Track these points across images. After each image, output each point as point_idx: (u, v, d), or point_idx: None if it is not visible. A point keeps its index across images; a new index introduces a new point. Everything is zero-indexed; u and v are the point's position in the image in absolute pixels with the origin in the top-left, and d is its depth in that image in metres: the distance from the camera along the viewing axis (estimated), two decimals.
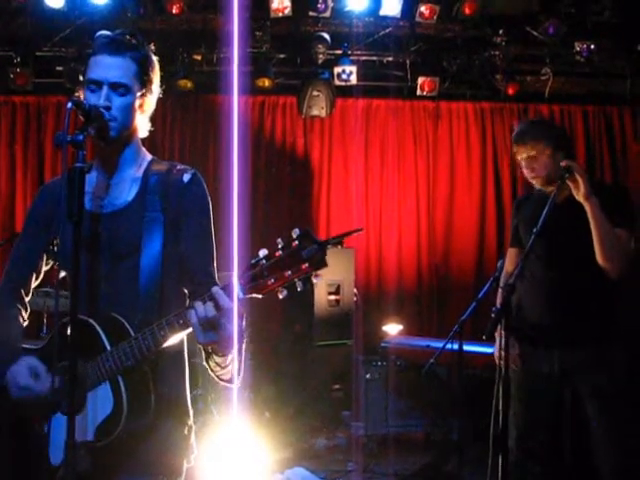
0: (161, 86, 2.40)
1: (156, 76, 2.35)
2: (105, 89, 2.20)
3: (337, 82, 7.23)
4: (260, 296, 1.98)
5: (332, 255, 1.90)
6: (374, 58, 7.47)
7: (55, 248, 2.40)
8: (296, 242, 1.93)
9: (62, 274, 2.37)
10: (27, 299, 2.46)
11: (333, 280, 6.56)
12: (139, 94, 2.27)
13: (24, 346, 2.33)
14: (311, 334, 6.55)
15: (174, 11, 6.67)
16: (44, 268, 2.47)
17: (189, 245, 2.29)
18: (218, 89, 6.94)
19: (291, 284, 1.94)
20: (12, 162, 7.75)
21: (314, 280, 1.96)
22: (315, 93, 7.21)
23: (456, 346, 4.19)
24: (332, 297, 6.59)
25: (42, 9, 6.49)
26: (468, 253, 7.97)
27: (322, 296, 6.50)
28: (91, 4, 6.45)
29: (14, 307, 2.41)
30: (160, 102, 2.42)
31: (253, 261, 1.97)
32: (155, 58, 2.35)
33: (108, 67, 2.22)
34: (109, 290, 2.21)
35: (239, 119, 5.74)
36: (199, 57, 7.24)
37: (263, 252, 1.96)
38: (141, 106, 2.30)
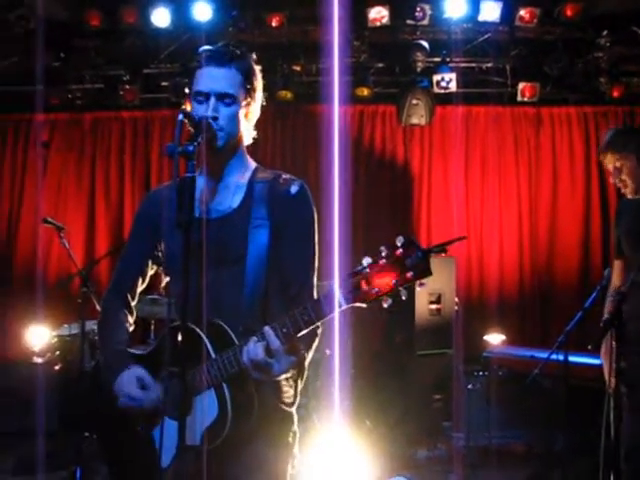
0: (264, 95, 2.44)
1: (259, 84, 2.39)
2: (212, 100, 2.25)
3: (436, 90, 7.17)
4: (364, 305, 1.97)
5: (433, 264, 1.88)
6: (473, 64, 7.40)
7: (160, 254, 2.46)
8: (400, 250, 1.92)
9: (166, 279, 2.43)
10: (133, 303, 2.52)
11: (434, 289, 6.49)
12: (244, 103, 2.32)
13: (132, 351, 2.40)
14: (412, 343, 6.50)
15: (274, 24, 6.84)
16: (149, 273, 2.53)
17: (288, 257, 2.31)
18: (318, 99, 7.02)
19: (395, 293, 1.93)
20: (121, 175, 8.08)
21: (418, 288, 1.95)
22: (414, 101, 7.17)
23: (561, 357, 4.09)
24: (433, 306, 6.52)
25: (149, 28, 6.78)
26: (572, 260, 7.75)
27: (423, 305, 6.44)
28: (195, 21, 6.66)
29: (121, 311, 2.48)
30: (261, 112, 2.45)
31: (356, 269, 1.96)
32: (258, 67, 2.39)
33: (215, 78, 2.27)
34: (213, 296, 2.22)
35: (339, 129, 5.78)
36: (298, 68, 7.35)
37: (367, 260, 1.95)
38: (246, 115, 2.35)
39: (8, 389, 6.48)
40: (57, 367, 6.43)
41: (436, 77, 7.13)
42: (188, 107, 2.32)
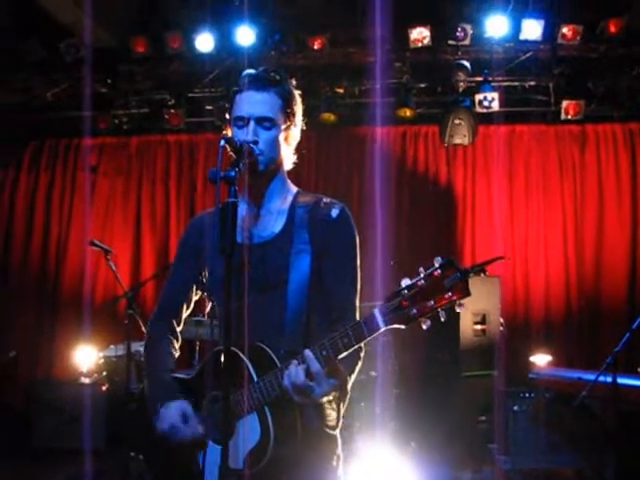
0: (304, 119, 2.43)
1: (299, 109, 2.39)
2: (252, 124, 2.26)
3: (479, 109, 7.15)
4: (403, 327, 1.97)
5: (478, 284, 1.88)
6: (516, 83, 7.36)
7: (204, 279, 2.47)
8: (438, 271, 1.91)
9: (210, 304, 2.45)
10: (179, 329, 2.53)
11: (479, 309, 6.44)
12: (284, 127, 2.32)
13: (177, 375, 2.41)
14: (457, 364, 6.44)
15: (316, 47, 6.91)
16: (194, 299, 2.54)
17: (330, 280, 2.31)
18: (360, 121, 7.05)
19: (434, 314, 1.93)
20: (166, 197, 8.20)
21: (458, 309, 1.93)
22: (457, 121, 7.15)
23: (609, 379, 4.02)
24: (478, 327, 6.46)
25: (193, 53, 6.93)
26: (619, 280, 7.60)
27: (468, 326, 6.39)
28: (238, 45, 6.77)
29: (166, 338, 2.49)
30: (304, 134, 2.46)
31: (395, 291, 1.96)
32: (297, 92, 2.39)
33: (254, 103, 2.27)
34: (256, 320, 2.23)
35: (382, 150, 5.81)
36: (341, 90, 7.40)
37: (405, 282, 1.95)
38: (286, 139, 2.35)
39: (57, 408, 6.59)
40: (104, 387, 6.52)
41: (478, 96, 7.11)
42: (229, 132, 2.34)
